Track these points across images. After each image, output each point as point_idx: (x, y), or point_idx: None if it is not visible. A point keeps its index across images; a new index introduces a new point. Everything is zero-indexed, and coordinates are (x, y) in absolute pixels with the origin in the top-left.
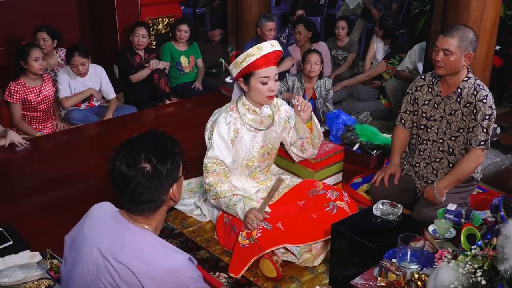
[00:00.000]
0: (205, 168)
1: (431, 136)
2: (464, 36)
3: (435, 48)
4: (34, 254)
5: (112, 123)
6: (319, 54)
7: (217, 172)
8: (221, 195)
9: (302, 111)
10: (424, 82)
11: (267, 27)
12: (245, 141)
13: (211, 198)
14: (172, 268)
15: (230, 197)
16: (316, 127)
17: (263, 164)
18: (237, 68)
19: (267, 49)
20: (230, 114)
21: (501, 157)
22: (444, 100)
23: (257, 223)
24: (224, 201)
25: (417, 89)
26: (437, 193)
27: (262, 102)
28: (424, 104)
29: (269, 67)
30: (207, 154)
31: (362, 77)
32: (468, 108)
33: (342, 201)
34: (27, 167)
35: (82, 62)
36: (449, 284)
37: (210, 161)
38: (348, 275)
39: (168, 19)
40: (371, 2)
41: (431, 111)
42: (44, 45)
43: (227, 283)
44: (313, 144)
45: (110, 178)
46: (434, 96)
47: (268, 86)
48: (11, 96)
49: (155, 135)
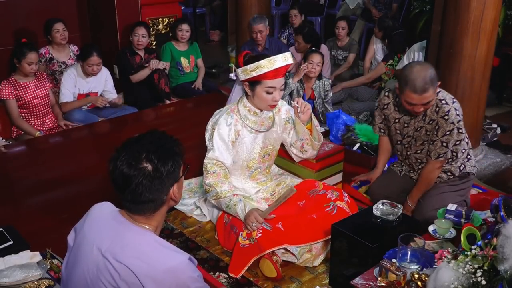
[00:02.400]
0: (205, 169)
1: (411, 151)
2: (432, 80)
3: (411, 104)
4: (34, 254)
5: (112, 123)
6: (321, 56)
7: (217, 173)
8: (221, 195)
9: (302, 113)
10: (389, 100)
11: (255, 29)
12: (245, 142)
13: (211, 199)
14: (172, 268)
15: (231, 197)
16: (316, 129)
17: (263, 165)
18: (246, 75)
19: (280, 63)
20: (231, 115)
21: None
22: (412, 119)
23: (256, 225)
24: (224, 201)
25: (384, 107)
26: (411, 204)
27: (263, 109)
28: (395, 122)
29: (277, 79)
30: (207, 155)
31: (362, 80)
32: (431, 124)
33: (342, 201)
34: (27, 167)
35: (98, 62)
36: (449, 284)
37: (210, 162)
38: (348, 275)
39: (168, 19)
40: (371, 2)
41: (403, 130)
42: (62, 35)
43: (227, 283)
44: (313, 145)
45: (111, 177)
46: (402, 115)
47: (273, 96)
48: (3, 93)
49: (156, 135)
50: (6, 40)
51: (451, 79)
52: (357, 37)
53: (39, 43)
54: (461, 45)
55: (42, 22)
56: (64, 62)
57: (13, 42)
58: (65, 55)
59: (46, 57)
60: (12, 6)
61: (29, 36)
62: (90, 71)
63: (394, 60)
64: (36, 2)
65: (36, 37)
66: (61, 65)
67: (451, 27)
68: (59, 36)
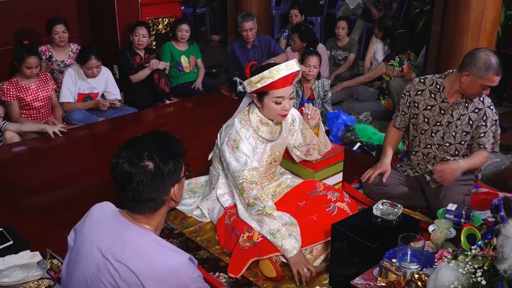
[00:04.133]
0: (244, 180)
1: (437, 140)
2: None
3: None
4: (34, 254)
5: (112, 123)
6: (318, 57)
7: (257, 183)
8: (268, 211)
9: (312, 119)
10: (424, 86)
11: (243, 28)
12: (258, 153)
13: (256, 213)
14: (173, 268)
15: (279, 227)
16: (324, 135)
17: (269, 171)
18: (251, 87)
19: (284, 72)
20: (246, 128)
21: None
22: (452, 106)
23: (307, 272)
24: (270, 226)
25: (417, 93)
26: (460, 169)
27: (274, 119)
28: (426, 109)
29: (284, 88)
30: (236, 167)
31: (362, 79)
32: (477, 113)
33: (343, 202)
34: (27, 167)
35: (98, 65)
36: (449, 284)
37: (248, 172)
38: (348, 275)
39: (168, 19)
40: (371, 2)
41: (436, 117)
42: (61, 37)
43: (227, 283)
44: (320, 151)
45: (112, 175)
46: (438, 102)
47: (282, 105)
48: (5, 95)
49: (158, 135)
50: (7, 40)
51: None
52: (357, 37)
53: (41, 42)
54: (461, 45)
55: (42, 22)
56: (63, 61)
57: (13, 42)
58: (64, 54)
59: (46, 55)
60: (12, 6)
61: (29, 36)
62: (90, 74)
63: (395, 61)
64: (36, 2)
65: (37, 37)
66: (59, 64)
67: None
68: (58, 38)
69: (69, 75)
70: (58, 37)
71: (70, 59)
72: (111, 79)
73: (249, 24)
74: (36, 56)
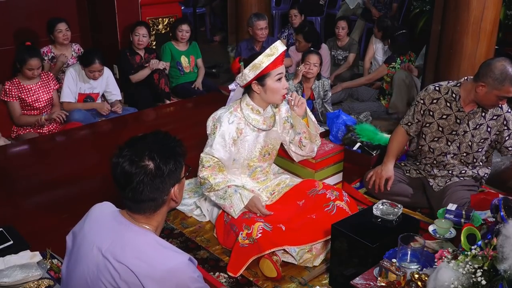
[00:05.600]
0: (201, 163)
1: (453, 149)
2: None
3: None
4: (34, 254)
5: (112, 123)
6: (319, 56)
7: (212, 166)
8: (215, 188)
9: (296, 106)
10: (440, 95)
11: (258, 26)
12: (248, 140)
13: (205, 191)
14: (172, 268)
15: (225, 189)
16: (312, 120)
17: (263, 164)
18: (255, 70)
19: (281, 48)
20: (234, 114)
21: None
22: (468, 115)
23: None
24: (218, 193)
25: (432, 101)
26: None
27: (276, 102)
28: (441, 118)
29: (280, 66)
30: (204, 149)
31: (363, 81)
32: (496, 120)
33: (342, 201)
34: (27, 167)
35: (101, 69)
36: (449, 284)
37: (206, 156)
38: (348, 275)
39: (168, 19)
40: (371, 2)
41: (452, 126)
42: (65, 35)
43: (227, 283)
44: (311, 137)
45: (112, 174)
46: (454, 111)
47: (283, 83)
48: (7, 95)
49: (159, 135)
50: (7, 40)
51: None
52: (357, 37)
53: (41, 42)
54: (461, 45)
55: (42, 22)
56: (65, 56)
57: (13, 42)
58: (67, 54)
59: (49, 56)
60: (12, 6)
61: (30, 36)
62: (92, 77)
63: (396, 63)
64: (37, 2)
65: (37, 37)
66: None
67: (451, 27)
68: (62, 36)
69: (70, 75)
70: (62, 35)
71: (73, 59)
72: (111, 79)
73: (263, 23)
74: (37, 58)
